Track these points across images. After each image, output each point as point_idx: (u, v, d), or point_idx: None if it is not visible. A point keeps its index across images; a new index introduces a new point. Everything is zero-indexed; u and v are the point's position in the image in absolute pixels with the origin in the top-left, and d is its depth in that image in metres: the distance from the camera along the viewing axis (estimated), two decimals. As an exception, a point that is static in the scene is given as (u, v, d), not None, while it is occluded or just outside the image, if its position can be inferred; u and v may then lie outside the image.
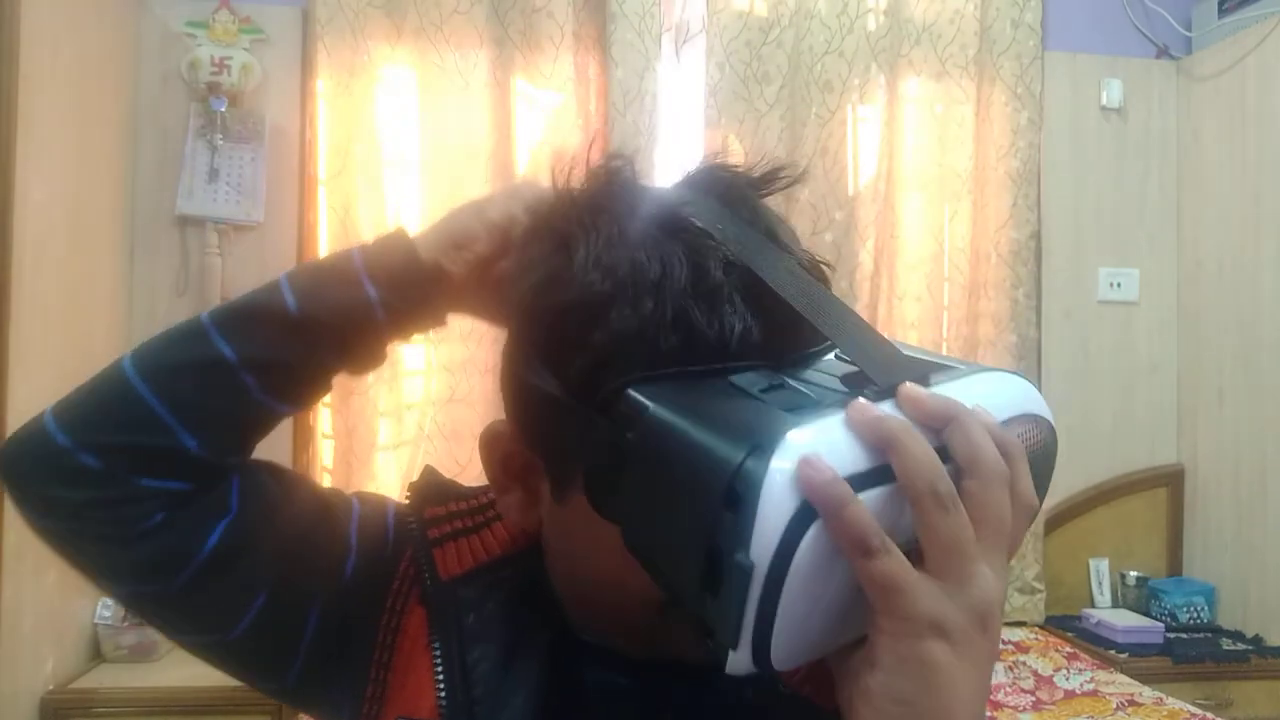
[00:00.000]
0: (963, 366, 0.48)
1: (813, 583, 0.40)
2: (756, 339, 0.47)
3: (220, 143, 2.46)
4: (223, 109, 2.44)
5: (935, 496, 0.41)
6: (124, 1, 2.44)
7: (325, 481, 2.50)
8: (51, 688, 2.08)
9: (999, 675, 2.39)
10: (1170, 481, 2.91)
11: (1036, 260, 2.80)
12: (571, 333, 0.48)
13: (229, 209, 2.49)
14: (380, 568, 0.61)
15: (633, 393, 0.46)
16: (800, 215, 2.63)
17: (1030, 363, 2.76)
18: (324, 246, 2.49)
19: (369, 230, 2.50)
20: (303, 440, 2.52)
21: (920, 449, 0.41)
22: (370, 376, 2.47)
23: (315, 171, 2.51)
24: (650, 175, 0.58)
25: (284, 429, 2.88)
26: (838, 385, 0.45)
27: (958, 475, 0.42)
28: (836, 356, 0.49)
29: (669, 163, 2.61)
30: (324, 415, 2.49)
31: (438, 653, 0.58)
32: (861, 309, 2.67)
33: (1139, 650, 2.51)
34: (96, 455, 0.53)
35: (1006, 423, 0.45)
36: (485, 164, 2.53)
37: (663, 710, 0.57)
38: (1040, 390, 0.49)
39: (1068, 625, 2.72)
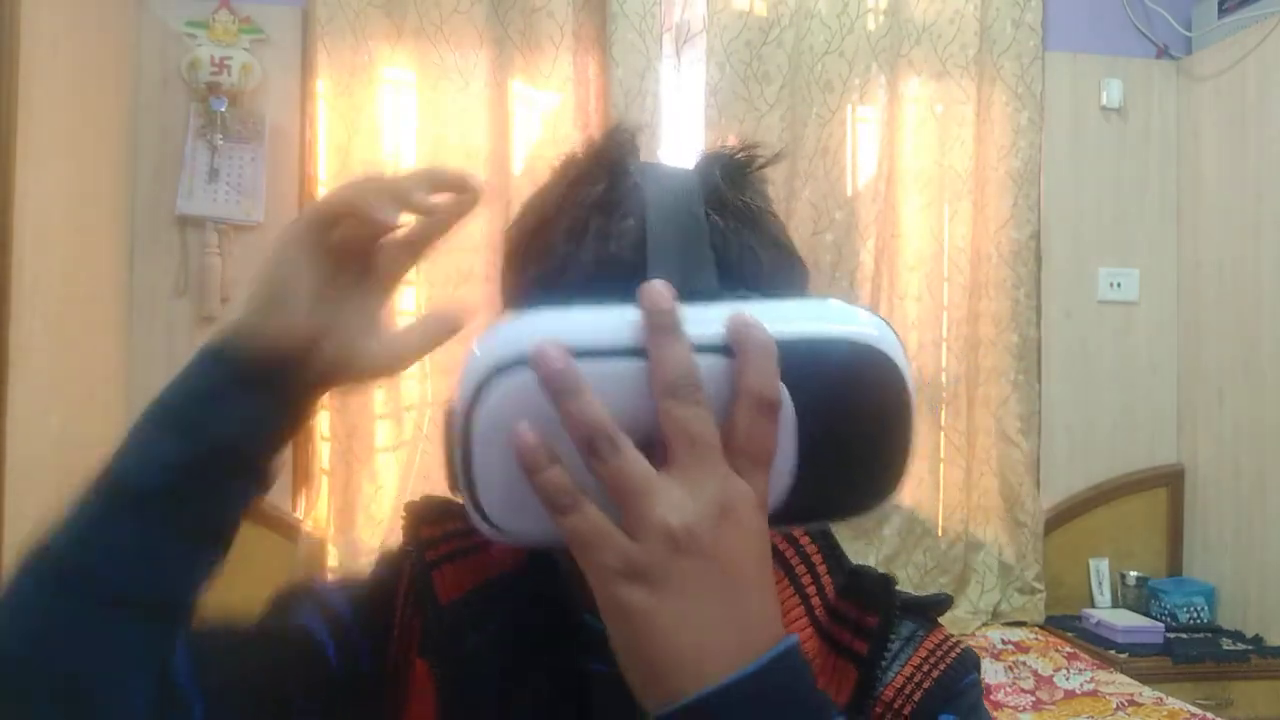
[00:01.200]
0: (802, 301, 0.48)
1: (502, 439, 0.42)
2: (632, 261, 0.49)
3: (220, 143, 2.46)
4: (223, 109, 2.44)
5: (588, 443, 0.40)
6: (124, 1, 2.44)
7: (323, 484, 2.50)
8: (51, 688, 2.08)
9: (999, 675, 2.40)
10: (1170, 481, 2.91)
11: (1037, 260, 2.79)
12: (521, 247, 0.56)
13: (229, 209, 2.49)
14: (369, 624, 0.60)
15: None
16: (801, 215, 2.63)
17: (1030, 362, 2.76)
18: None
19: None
20: (302, 441, 2.52)
21: (561, 381, 0.41)
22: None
23: (315, 171, 2.51)
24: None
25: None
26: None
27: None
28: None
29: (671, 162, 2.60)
30: (323, 418, 2.48)
31: (439, 678, 0.58)
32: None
33: (1139, 650, 2.51)
34: None
35: (795, 340, 0.43)
36: (485, 163, 2.53)
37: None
38: (1040, 392, 0.48)
39: (1068, 625, 2.72)
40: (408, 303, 2.51)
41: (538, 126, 2.58)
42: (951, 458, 2.76)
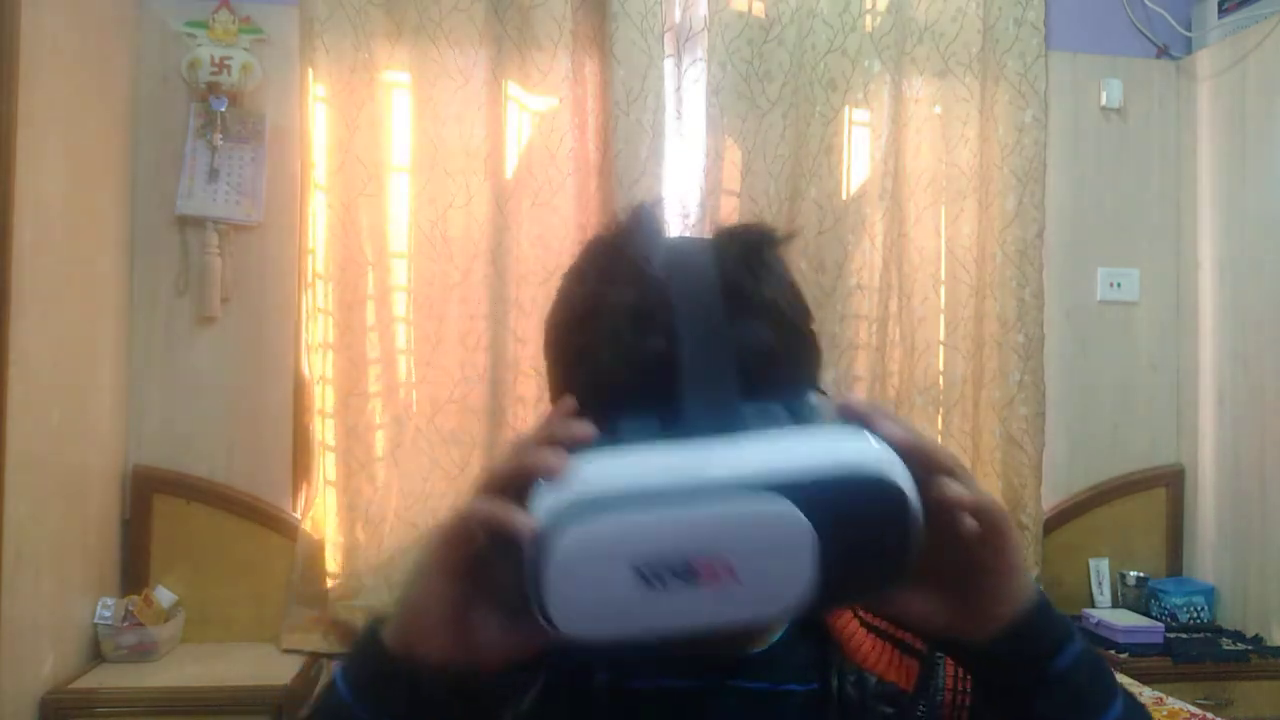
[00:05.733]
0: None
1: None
2: (664, 382, 0.53)
3: (220, 143, 2.46)
4: (223, 109, 2.44)
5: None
6: (124, 1, 2.44)
7: (323, 487, 2.49)
8: (51, 688, 2.08)
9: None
10: (1170, 481, 2.91)
11: (1041, 259, 2.78)
12: (559, 344, 0.63)
13: (229, 209, 2.48)
14: None
15: None
16: (805, 214, 2.63)
17: (1036, 363, 2.75)
18: (323, 246, 2.49)
19: (369, 230, 2.50)
20: (303, 445, 2.52)
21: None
22: (371, 384, 2.47)
23: (315, 172, 2.51)
24: (660, 190, 0.62)
25: (283, 438, 2.80)
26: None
27: None
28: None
29: (674, 161, 2.60)
30: (326, 424, 2.48)
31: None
32: (871, 307, 2.67)
33: (1139, 650, 2.51)
34: None
35: (814, 479, 0.49)
36: (484, 162, 2.53)
37: (711, 704, 0.65)
38: (1045, 393, 0.52)
39: (1068, 625, 2.71)
40: (400, 309, 2.52)
41: (535, 126, 2.58)
42: (956, 459, 2.75)
